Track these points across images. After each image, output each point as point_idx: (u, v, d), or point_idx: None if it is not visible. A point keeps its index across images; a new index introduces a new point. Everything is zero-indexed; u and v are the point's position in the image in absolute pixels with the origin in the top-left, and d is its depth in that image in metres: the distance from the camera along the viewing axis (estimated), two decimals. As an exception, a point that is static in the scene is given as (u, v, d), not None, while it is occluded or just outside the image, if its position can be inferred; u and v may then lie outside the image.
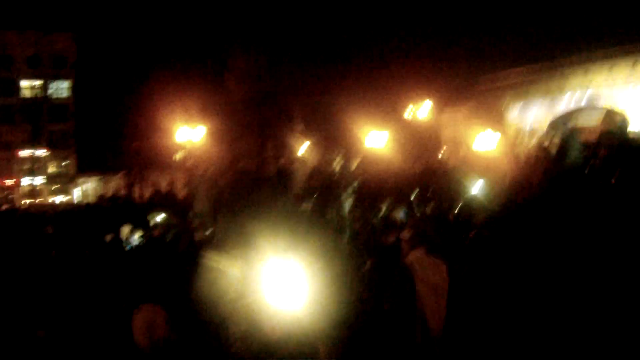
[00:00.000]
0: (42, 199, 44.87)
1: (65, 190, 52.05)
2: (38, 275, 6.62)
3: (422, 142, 27.31)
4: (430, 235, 5.12)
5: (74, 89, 48.08)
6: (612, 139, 7.53)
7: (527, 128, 21.74)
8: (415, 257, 4.83)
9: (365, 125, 16.31)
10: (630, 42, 20.13)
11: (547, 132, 8.37)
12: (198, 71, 32.80)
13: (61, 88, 47.22)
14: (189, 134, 15.51)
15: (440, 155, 18.77)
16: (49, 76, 44.01)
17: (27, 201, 39.54)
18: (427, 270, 4.72)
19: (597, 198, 7.21)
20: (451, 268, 4.98)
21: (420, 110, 26.28)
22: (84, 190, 51.65)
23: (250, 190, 10.12)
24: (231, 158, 11.74)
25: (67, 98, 48.18)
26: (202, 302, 5.30)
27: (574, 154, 7.57)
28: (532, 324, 4.77)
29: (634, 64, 19.54)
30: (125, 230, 9.42)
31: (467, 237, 6.88)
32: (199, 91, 30.64)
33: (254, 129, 30.82)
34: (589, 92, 20.75)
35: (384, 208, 10.85)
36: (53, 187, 52.11)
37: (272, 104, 33.73)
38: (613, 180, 7.21)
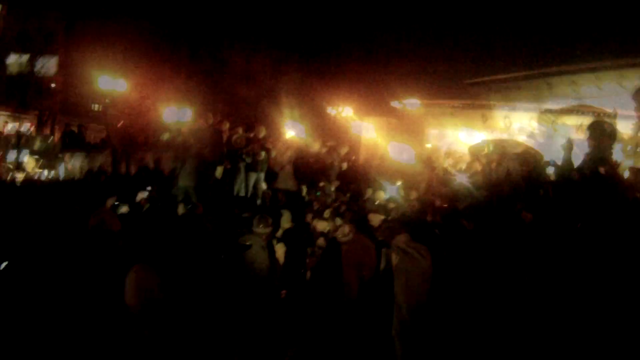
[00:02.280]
0: (28, 173, 44.69)
1: (50, 166, 51.83)
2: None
3: (343, 140, 28.25)
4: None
5: (60, 65, 47.87)
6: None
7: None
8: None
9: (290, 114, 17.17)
10: (618, 56, 20.80)
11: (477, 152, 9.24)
12: (184, 53, 33.00)
13: (48, 64, 46.98)
14: (175, 114, 16.03)
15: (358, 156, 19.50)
16: (37, 52, 43.61)
17: (14, 175, 39.47)
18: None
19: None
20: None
21: (345, 111, 27.26)
22: (69, 166, 51.59)
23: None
24: (217, 138, 12.30)
25: (54, 74, 48.01)
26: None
27: (511, 168, 8.52)
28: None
29: (620, 78, 19.94)
30: (110, 202, 9.85)
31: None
32: (186, 72, 30.99)
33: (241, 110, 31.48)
34: (574, 101, 21.21)
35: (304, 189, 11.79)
36: (39, 163, 51.90)
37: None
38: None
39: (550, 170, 8.09)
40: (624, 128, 12.01)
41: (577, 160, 6.88)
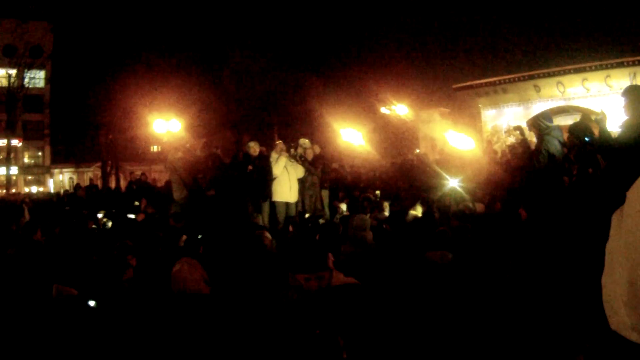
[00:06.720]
0: (17, 189, 44.23)
1: (40, 181, 51.54)
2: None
3: (399, 140, 27.82)
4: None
5: (49, 79, 47.40)
6: (580, 136, 7.84)
7: (503, 128, 22.18)
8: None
9: (343, 123, 16.74)
10: (602, 57, 20.79)
11: (529, 129, 8.70)
12: (175, 64, 32.72)
13: (37, 78, 46.46)
14: (165, 126, 15.65)
15: (417, 152, 19.09)
16: (25, 65, 43.12)
17: (3, 191, 39.00)
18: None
19: (566, 193, 7.53)
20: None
21: (398, 109, 26.83)
22: (59, 180, 51.19)
23: (223, 180, 10.43)
24: (209, 150, 11.93)
25: (43, 88, 47.52)
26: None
27: (552, 150, 7.87)
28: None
29: (606, 78, 19.96)
30: (101, 216, 9.77)
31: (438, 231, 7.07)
32: (175, 84, 30.72)
33: (231, 123, 31.18)
34: (562, 102, 21.15)
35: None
36: (28, 178, 51.56)
37: (251, 101, 34.17)
38: (573, 177, 7.54)
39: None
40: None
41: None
